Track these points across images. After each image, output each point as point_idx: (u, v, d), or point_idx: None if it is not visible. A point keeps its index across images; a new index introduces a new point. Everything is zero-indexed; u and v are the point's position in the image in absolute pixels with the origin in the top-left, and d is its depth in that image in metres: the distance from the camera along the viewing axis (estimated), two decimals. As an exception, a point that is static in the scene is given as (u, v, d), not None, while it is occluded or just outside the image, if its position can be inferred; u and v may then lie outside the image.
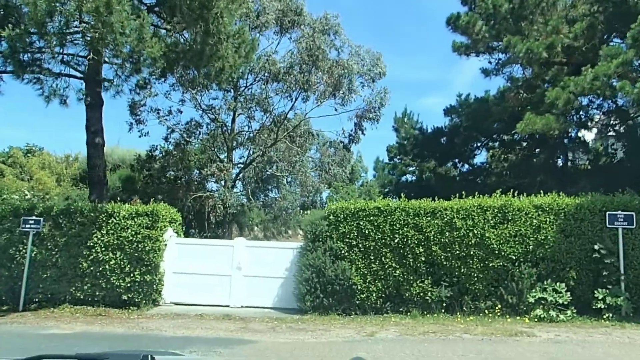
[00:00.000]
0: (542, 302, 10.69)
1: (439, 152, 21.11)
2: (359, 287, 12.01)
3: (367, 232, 12.22)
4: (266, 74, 23.38)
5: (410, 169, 22.97)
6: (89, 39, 11.13)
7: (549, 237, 11.38)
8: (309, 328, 10.44)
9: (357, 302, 12.05)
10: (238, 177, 24.92)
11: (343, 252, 12.20)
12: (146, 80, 16.43)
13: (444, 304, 11.81)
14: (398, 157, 23.66)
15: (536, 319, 10.63)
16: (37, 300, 12.68)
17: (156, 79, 22.85)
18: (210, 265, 13.31)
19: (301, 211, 28.08)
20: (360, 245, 12.22)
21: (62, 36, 11.24)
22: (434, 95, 72.56)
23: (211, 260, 13.37)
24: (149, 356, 1.85)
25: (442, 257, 11.91)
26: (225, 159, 24.05)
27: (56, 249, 12.73)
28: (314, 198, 26.93)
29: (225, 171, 22.46)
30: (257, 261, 13.32)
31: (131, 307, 12.42)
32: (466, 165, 21.32)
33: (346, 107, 24.47)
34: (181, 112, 23.82)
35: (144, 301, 12.62)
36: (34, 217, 12.47)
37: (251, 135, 25.50)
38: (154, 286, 12.74)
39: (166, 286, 13.10)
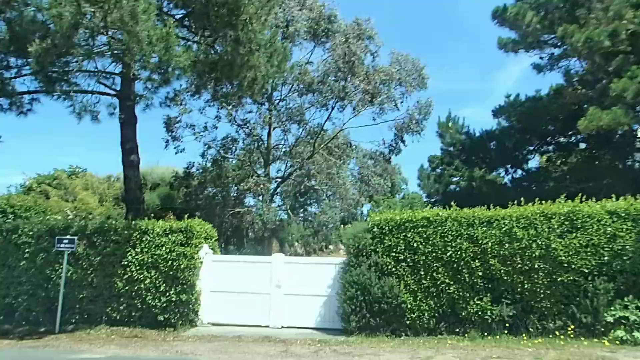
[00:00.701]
0: (624, 321, 9.38)
1: (489, 157, 19.80)
2: (409, 306, 10.98)
3: (415, 245, 11.21)
4: (300, 85, 22.79)
5: (455, 179, 21.71)
6: (116, 51, 10.71)
7: (627, 246, 10.06)
8: (356, 352, 9.48)
9: (408, 322, 11.00)
10: (276, 192, 24.29)
11: (389, 267, 11.22)
12: (176, 92, 16.01)
13: (506, 324, 10.62)
14: (441, 166, 22.45)
15: (617, 342, 9.32)
16: (73, 321, 12.23)
17: (191, 96, 22.87)
18: (248, 283, 12.57)
19: (342, 226, 27.20)
20: (408, 260, 11.22)
21: (89, 49, 10.88)
22: (471, 106, 70.59)
23: (249, 278, 12.63)
24: None
25: (502, 271, 10.76)
26: (263, 174, 23.50)
27: (91, 269, 12.28)
28: (355, 212, 25.97)
29: (262, 185, 21.87)
30: (297, 278, 12.48)
31: (167, 328, 11.79)
32: (519, 171, 19.91)
33: (385, 116, 23.63)
34: (216, 127, 23.54)
35: (181, 322, 11.97)
36: (68, 237, 12.07)
37: (288, 148, 24.93)
38: (191, 306, 12.09)
39: (203, 306, 12.42)
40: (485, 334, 10.62)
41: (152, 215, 14.01)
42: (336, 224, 25.91)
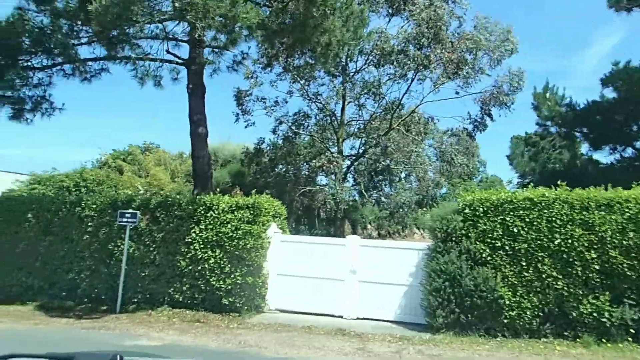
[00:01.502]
0: None
1: (595, 133, 17.19)
2: (507, 302, 9.29)
3: (516, 230, 9.48)
4: (377, 55, 21.06)
5: (553, 157, 19.18)
6: (177, 3, 9.66)
7: None
8: (446, 355, 7.99)
9: (505, 320, 9.32)
10: (349, 170, 22.91)
11: (484, 255, 9.56)
12: (244, 55, 14.87)
13: (630, 330, 8.69)
14: (537, 142, 19.96)
15: None
16: (135, 300, 11.59)
17: (262, 69, 21.90)
18: (320, 267, 11.35)
19: (418, 209, 25.43)
20: (507, 248, 9.50)
21: (150, 6, 9.90)
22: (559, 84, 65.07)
23: (321, 262, 11.41)
24: (118, 356, 1.85)
25: (625, 265, 8.85)
26: (335, 151, 22.18)
27: (154, 245, 11.56)
28: (434, 193, 24.08)
29: (335, 163, 20.55)
30: (374, 264, 11.09)
31: (232, 313, 10.84)
32: (629, 149, 17.13)
33: (469, 89, 21.45)
34: (287, 102, 22.45)
35: (246, 307, 10.99)
36: (130, 211, 11.38)
37: (362, 124, 23.42)
38: (257, 290, 11.07)
39: (270, 290, 11.37)
40: (603, 339, 8.76)
41: (220, 191, 13.12)
42: (412, 206, 24.22)
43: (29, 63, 11.36)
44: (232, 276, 10.97)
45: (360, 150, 22.99)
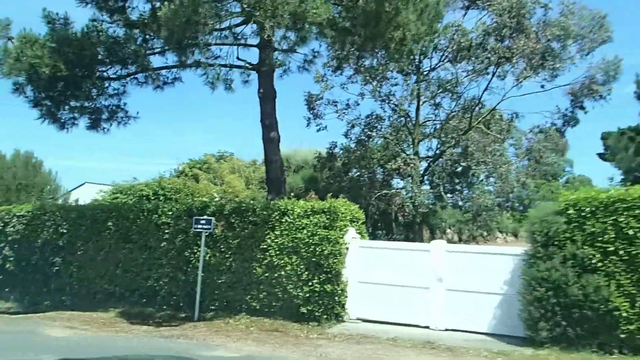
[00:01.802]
0: None
1: None
2: (625, 314, 8.07)
3: (631, 232, 8.24)
4: (453, 50, 19.93)
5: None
6: (245, 5, 9.34)
7: None
8: (556, 375, 6.95)
9: (623, 335, 8.10)
10: (427, 172, 21.85)
11: (593, 261, 8.40)
12: (314, 54, 14.40)
13: None
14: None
15: None
16: (213, 308, 11.37)
17: (332, 71, 21.43)
18: (403, 275, 10.56)
19: (501, 211, 23.85)
20: (621, 252, 8.30)
21: (218, 7, 9.65)
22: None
23: (403, 268, 10.61)
24: None
25: None
26: (411, 153, 21.21)
27: (229, 252, 11.31)
28: (520, 195, 22.45)
29: (412, 165, 19.61)
30: (463, 271, 10.15)
31: (311, 322, 10.32)
32: None
33: (556, 81, 19.78)
34: (358, 104, 21.78)
35: (325, 316, 10.42)
36: (205, 217, 11.19)
37: (439, 125, 22.29)
38: (336, 298, 10.48)
39: (350, 298, 10.73)
40: None
41: (294, 196, 12.78)
42: (495, 209, 22.72)
43: (104, 73, 11.55)
44: (310, 284, 10.46)
45: (438, 152, 21.88)
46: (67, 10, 10.98)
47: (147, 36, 12.09)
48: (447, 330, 9.96)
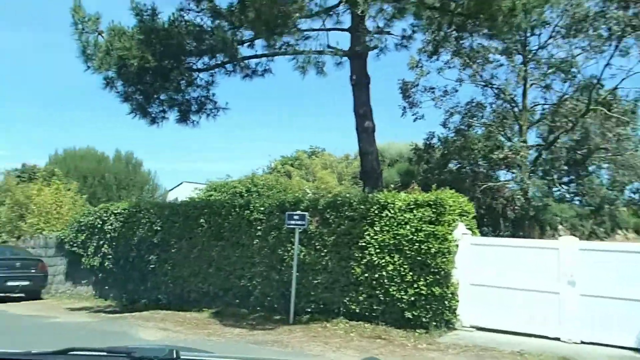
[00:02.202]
0: None
1: None
2: None
3: None
4: (567, 24, 17.66)
5: None
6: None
7: None
8: None
9: None
10: (537, 162, 19.66)
11: None
12: (414, 28, 13.10)
13: None
14: None
15: None
16: (309, 310, 10.55)
17: (428, 57, 19.93)
18: (524, 277, 9.06)
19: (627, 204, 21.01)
20: None
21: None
22: None
23: (524, 269, 9.12)
24: (174, 351, 1.80)
25: None
26: (518, 141, 19.16)
27: (325, 250, 10.42)
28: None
29: (521, 154, 17.64)
30: (600, 273, 8.49)
31: (417, 330, 9.15)
32: None
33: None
34: (457, 90, 20.10)
35: (434, 322, 9.20)
36: (298, 212, 10.38)
37: (549, 109, 19.97)
38: (446, 302, 9.23)
39: (462, 303, 9.40)
40: None
41: (393, 189, 11.66)
42: (620, 202, 20.00)
43: (192, 64, 11.14)
44: (415, 285, 9.30)
45: (550, 140, 19.60)
46: (154, 1, 10.71)
47: (236, 25, 11.57)
48: (582, 343, 8.35)
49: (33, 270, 14.18)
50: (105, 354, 1.96)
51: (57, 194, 18.03)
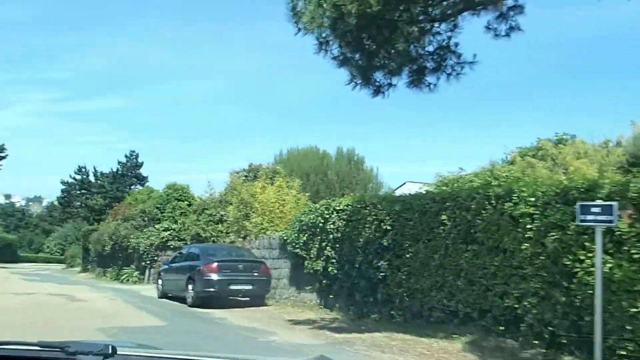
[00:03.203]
0: None
1: None
2: None
3: None
4: None
5: None
6: None
7: None
8: None
9: None
10: None
11: None
12: None
13: None
14: None
15: None
16: (623, 354, 6.80)
17: None
18: None
19: None
20: None
21: None
22: None
23: None
24: (110, 346, 1.72)
25: None
26: None
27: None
28: None
29: None
30: None
31: None
32: None
33: None
34: None
35: None
36: (600, 203, 6.75)
37: None
38: None
39: None
40: None
41: None
42: None
43: (424, 14, 8.39)
44: None
45: None
46: None
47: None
48: None
49: (256, 274, 13.21)
50: (37, 348, 1.82)
51: (279, 192, 17.43)
